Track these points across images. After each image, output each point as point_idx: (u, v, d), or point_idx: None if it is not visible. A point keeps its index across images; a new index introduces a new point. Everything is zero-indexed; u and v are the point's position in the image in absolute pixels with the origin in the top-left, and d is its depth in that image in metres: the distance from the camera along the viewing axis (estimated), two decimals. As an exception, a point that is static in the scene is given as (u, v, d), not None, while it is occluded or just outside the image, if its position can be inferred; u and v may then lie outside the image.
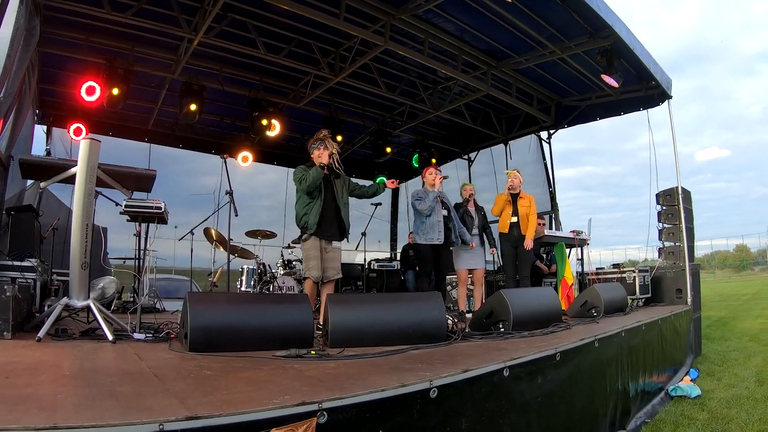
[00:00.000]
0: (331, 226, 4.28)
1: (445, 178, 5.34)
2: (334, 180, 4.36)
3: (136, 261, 5.08)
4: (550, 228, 7.63)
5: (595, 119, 8.10)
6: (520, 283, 5.65)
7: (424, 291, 4.88)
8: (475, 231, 5.65)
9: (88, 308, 3.18)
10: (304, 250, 4.31)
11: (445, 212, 5.29)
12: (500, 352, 2.68)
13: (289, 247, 7.36)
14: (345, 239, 4.50)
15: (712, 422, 3.53)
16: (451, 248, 5.44)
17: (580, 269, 6.86)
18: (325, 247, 4.26)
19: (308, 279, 4.24)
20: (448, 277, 6.21)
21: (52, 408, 1.41)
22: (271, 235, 6.94)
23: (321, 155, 4.24)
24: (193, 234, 6.65)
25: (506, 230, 5.71)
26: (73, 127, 7.26)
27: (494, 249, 5.87)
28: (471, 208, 5.76)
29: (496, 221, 5.90)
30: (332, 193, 4.33)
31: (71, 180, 3.24)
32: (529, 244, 5.58)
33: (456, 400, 2.01)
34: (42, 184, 3.57)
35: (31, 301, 3.84)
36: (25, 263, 4.04)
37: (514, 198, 5.76)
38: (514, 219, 5.68)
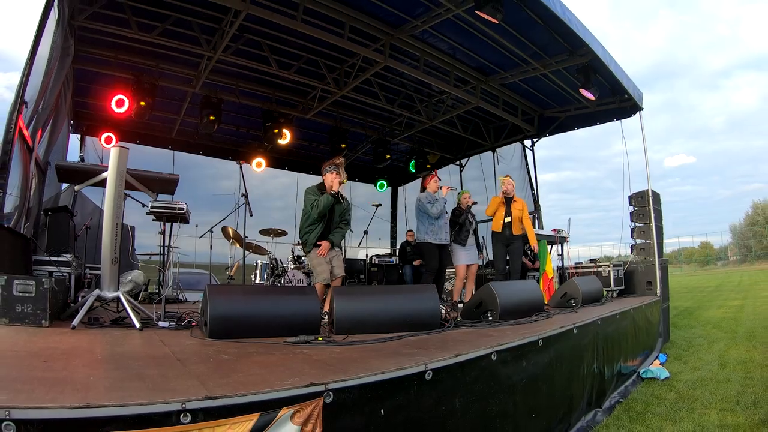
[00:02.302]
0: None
1: (453, 189, 5.47)
2: (335, 206, 4.35)
3: (161, 256, 5.09)
4: (534, 227, 7.62)
5: (573, 129, 8.10)
6: (512, 277, 5.65)
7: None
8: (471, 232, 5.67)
9: (117, 299, 3.19)
10: (311, 260, 4.29)
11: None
12: (489, 338, 2.68)
13: (298, 244, 7.34)
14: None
15: (679, 401, 3.52)
16: (449, 247, 5.48)
17: (560, 264, 6.86)
18: (328, 254, 4.26)
19: (318, 283, 4.20)
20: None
21: (85, 389, 1.41)
22: (282, 233, 6.95)
23: (333, 181, 4.21)
24: (212, 232, 6.66)
25: (499, 229, 5.69)
26: (104, 135, 7.31)
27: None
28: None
29: (486, 220, 5.88)
30: (332, 218, 4.34)
31: (103, 183, 3.24)
32: (534, 247, 5.76)
33: (449, 381, 2.01)
34: (76, 188, 3.58)
35: (67, 293, 3.84)
36: (60, 258, 4.06)
37: (508, 201, 5.76)
38: (508, 220, 5.65)
